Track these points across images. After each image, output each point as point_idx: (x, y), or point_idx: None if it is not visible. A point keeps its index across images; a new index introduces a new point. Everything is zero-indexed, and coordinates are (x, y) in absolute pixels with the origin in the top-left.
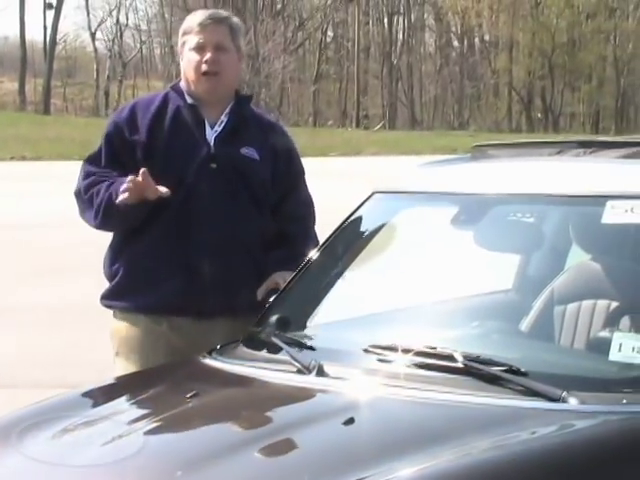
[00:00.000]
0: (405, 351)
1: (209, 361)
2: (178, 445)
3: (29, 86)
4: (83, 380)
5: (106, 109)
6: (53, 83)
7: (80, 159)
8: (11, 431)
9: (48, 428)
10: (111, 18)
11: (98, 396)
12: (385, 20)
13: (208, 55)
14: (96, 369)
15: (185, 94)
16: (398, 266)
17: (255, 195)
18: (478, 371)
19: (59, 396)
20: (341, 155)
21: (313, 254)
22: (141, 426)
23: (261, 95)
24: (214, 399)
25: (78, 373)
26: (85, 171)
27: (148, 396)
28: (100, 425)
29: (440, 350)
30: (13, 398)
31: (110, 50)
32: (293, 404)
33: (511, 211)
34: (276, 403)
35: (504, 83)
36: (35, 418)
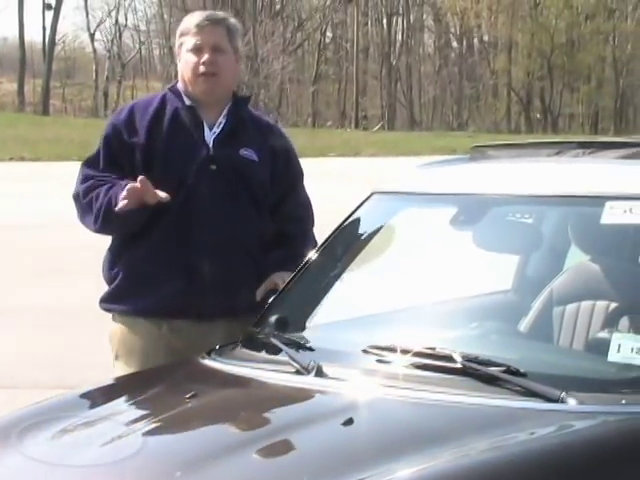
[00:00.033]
0: (404, 352)
1: (208, 362)
2: (177, 446)
3: (28, 87)
4: (82, 381)
5: (105, 110)
6: (52, 84)
7: (79, 160)
8: (10, 431)
9: (47, 428)
10: (110, 19)
11: (97, 397)
12: (384, 21)
13: (205, 56)
14: (95, 370)
15: (183, 95)
16: (397, 267)
17: (254, 196)
18: (477, 372)
19: (58, 397)
20: (340, 156)
21: (312, 255)
22: (140, 427)
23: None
24: (213, 400)
25: (77, 374)
26: (83, 174)
27: (147, 397)
28: (99, 425)
29: (439, 351)
30: (12, 398)
31: (109, 51)
32: (292, 405)
33: (510, 212)
34: (275, 404)
35: (503, 84)
36: (34, 418)
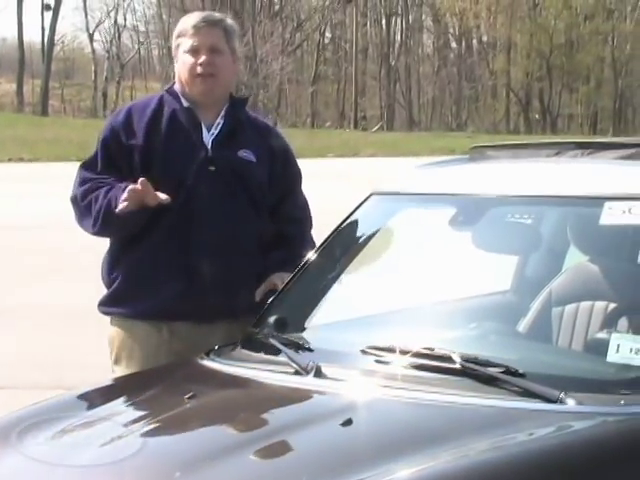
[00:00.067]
0: (403, 352)
1: (207, 362)
2: (176, 446)
3: (27, 87)
4: (82, 381)
5: (104, 110)
6: (51, 84)
7: (78, 160)
8: (10, 431)
9: (47, 429)
10: (109, 19)
11: (96, 397)
12: (383, 21)
13: (203, 58)
14: (95, 370)
15: (180, 97)
16: (396, 267)
17: (253, 197)
18: (476, 372)
19: (58, 397)
20: (339, 156)
21: (311, 255)
22: (139, 427)
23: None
24: (212, 400)
25: (77, 374)
26: (81, 177)
27: (146, 397)
28: (99, 426)
29: (438, 351)
30: (12, 399)
31: (108, 51)
32: (291, 405)
33: (509, 212)
34: (274, 404)
35: (502, 84)
36: (34, 419)
